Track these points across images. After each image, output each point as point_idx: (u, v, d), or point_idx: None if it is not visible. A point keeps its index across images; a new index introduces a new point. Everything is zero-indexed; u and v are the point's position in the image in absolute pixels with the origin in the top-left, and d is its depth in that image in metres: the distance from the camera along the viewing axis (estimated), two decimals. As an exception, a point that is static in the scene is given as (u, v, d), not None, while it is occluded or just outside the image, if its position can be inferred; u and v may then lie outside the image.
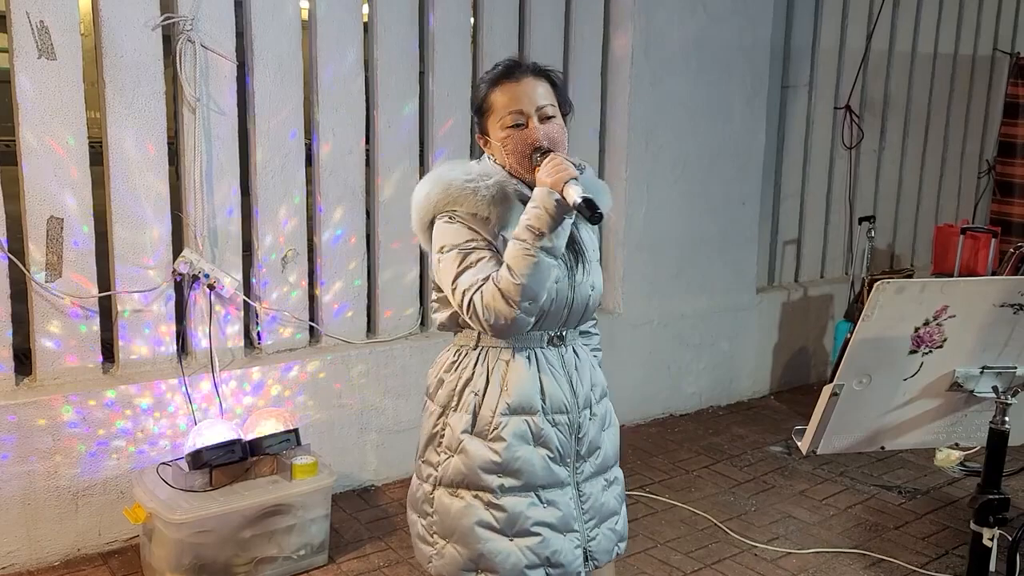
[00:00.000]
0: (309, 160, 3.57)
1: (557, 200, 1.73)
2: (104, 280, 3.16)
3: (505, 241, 1.81)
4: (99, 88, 3.06)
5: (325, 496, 3.14)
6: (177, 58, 3.14)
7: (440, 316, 1.96)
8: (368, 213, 3.75)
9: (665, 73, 4.35)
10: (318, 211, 3.60)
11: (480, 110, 1.92)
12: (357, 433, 3.72)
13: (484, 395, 1.88)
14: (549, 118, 1.87)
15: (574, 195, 1.70)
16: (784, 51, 4.99)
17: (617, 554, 2.04)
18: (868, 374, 1.74)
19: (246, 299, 3.46)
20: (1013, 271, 4.43)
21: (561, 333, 1.93)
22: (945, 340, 1.72)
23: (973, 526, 1.80)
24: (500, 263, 1.78)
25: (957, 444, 1.91)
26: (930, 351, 1.73)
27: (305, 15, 3.48)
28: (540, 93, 1.87)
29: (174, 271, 3.25)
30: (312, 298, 3.66)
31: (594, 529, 1.97)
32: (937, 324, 1.69)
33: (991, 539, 1.76)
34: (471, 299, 1.76)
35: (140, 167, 3.13)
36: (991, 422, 1.80)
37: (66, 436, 3.06)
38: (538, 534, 1.88)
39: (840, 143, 5.36)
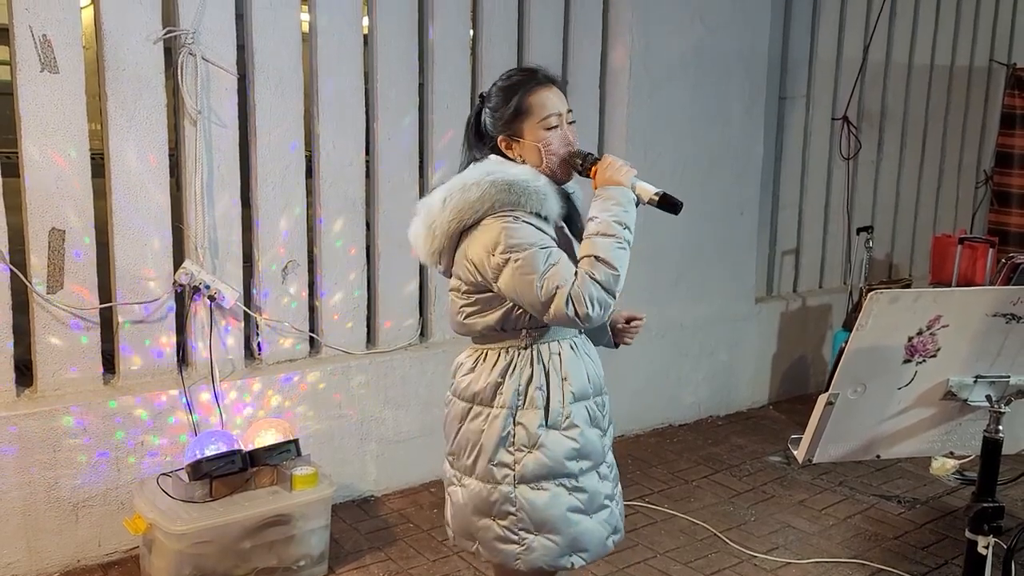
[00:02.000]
0: (309, 172, 3.59)
1: (635, 197, 1.93)
2: (105, 291, 3.17)
3: (553, 237, 1.94)
4: (101, 101, 3.08)
5: (325, 507, 3.15)
6: (178, 71, 3.16)
7: (482, 319, 1.99)
8: (368, 224, 3.76)
9: (663, 84, 4.38)
10: (318, 222, 3.61)
11: (516, 112, 1.99)
12: (357, 443, 3.73)
13: (548, 388, 1.99)
14: (571, 124, 2.04)
15: (649, 191, 1.92)
16: (782, 62, 5.01)
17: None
18: (863, 383, 1.75)
19: (246, 310, 3.47)
20: (1005, 281, 4.44)
21: None
22: (939, 349, 1.73)
23: (968, 534, 1.81)
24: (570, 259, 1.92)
25: (952, 453, 1.92)
26: (924, 360, 1.75)
27: (306, 28, 3.51)
28: (563, 99, 2.04)
29: (175, 282, 3.26)
30: (312, 309, 3.68)
31: (618, 497, 2.17)
32: (931, 334, 1.70)
33: (986, 547, 1.77)
34: (569, 293, 1.83)
35: (141, 179, 3.15)
36: (985, 431, 1.81)
37: (67, 447, 3.07)
38: (607, 506, 2.08)
39: (838, 153, 5.38)
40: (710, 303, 4.77)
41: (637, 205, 1.95)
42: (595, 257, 1.85)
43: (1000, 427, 1.79)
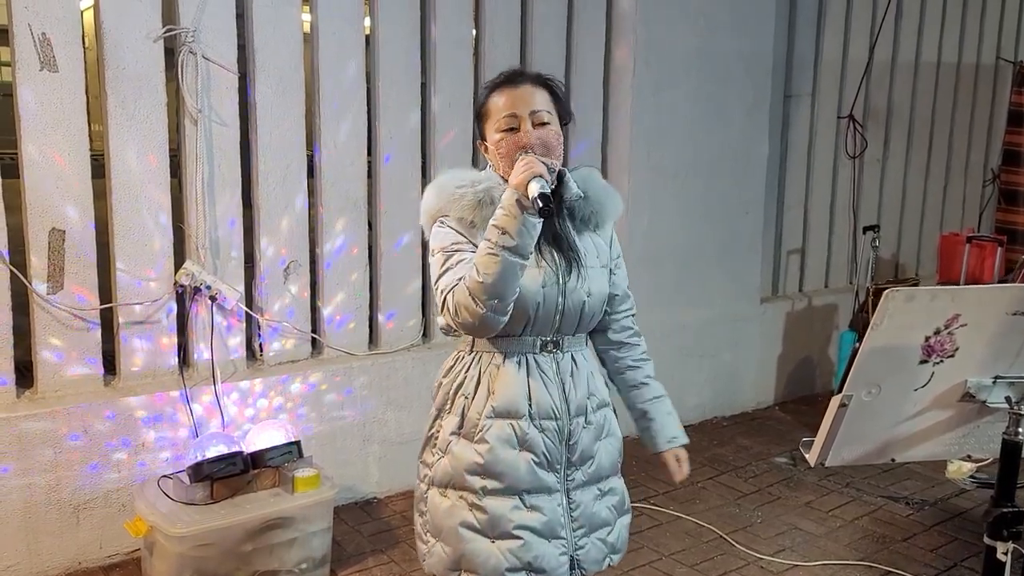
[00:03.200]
0: (311, 171, 3.57)
1: (518, 199, 1.75)
2: (105, 292, 3.15)
3: (475, 244, 1.85)
4: (101, 100, 3.05)
5: (327, 509, 3.12)
6: (179, 70, 3.13)
7: (441, 321, 1.97)
8: (370, 224, 3.74)
9: (667, 84, 4.34)
10: (320, 222, 3.58)
11: (479, 115, 1.96)
12: (359, 445, 3.70)
13: (473, 398, 1.91)
14: (543, 124, 1.88)
15: (533, 192, 1.72)
16: (787, 61, 4.98)
17: (609, 565, 2.02)
18: (877, 384, 1.71)
19: (248, 311, 3.44)
20: (1024, 279, 4.40)
21: (556, 339, 1.93)
22: (956, 349, 1.69)
23: (987, 540, 1.77)
24: None
25: (969, 456, 1.88)
26: (941, 361, 1.71)
27: (307, 27, 3.48)
28: (537, 99, 1.89)
29: (176, 283, 3.23)
30: (314, 309, 3.65)
31: (583, 538, 1.95)
32: (948, 333, 1.66)
33: (1005, 553, 1.73)
34: (445, 299, 1.81)
35: (142, 179, 3.13)
36: (1004, 433, 1.77)
37: (67, 449, 3.04)
38: (519, 538, 1.88)
39: (844, 152, 5.34)
40: (714, 304, 4.73)
41: (533, 210, 1.73)
42: (474, 263, 1.77)
43: (1020, 429, 1.74)
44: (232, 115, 3.28)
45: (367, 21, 3.63)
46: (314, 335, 3.63)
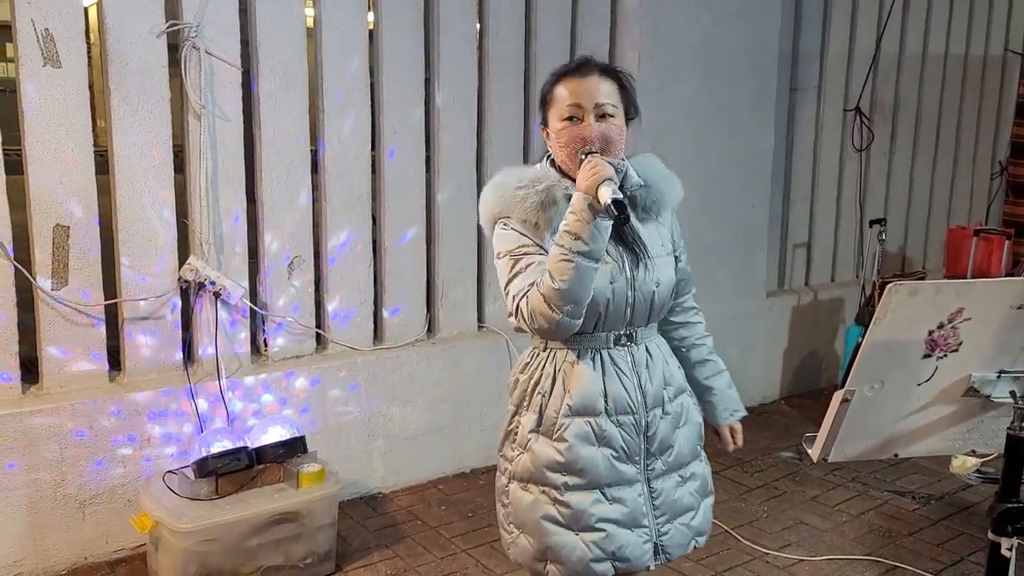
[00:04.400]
0: (315, 166, 3.56)
1: (590, 204, 1.75)
2: (110, 288, 3.15)
3: (537, 243, 1.87)
4: (104, 95, 3.06)
5: (332, 504, 3.12)
6: (182, 65, 3.13)
7: (513, 321, 1.97)
8: (374, 219, 3.73)
9: (671, 78, 4.33)
10: (324, 217, 3.58)
11: (543, 101, 1.96)
12: (364, 440, 3.70)
13: (550, 396, 1.94)
14: (607, 116, 1.88)
15: (605, 197, 1.72)
16: (792, 54, 4.95)
17: (695, 547, 2.08)
18: (880, 379, 1.70)
19: (252, 306, 3.45)
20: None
21: (629, 332, 1.95)
22: (960, 343, 1.68)
23: (991, 536, 1.76)
24: None
25: (974, 451, 1.87)
26: (945, 355, 1.69)
27: (310, 22, 3.47)
28: (603, 91, 1.89)
29: (180, 278, 3.24)
30: (318, 304, 3.65)
31: (666, 524, 2.00)
32: (952, 327, 1.65)
33: (1010, 549, 1.72)
34: (519, 304, 1.82)
35: (146, 174, 3.13)
36: (1009, 428, 1.75)
37: (73, 444, 3.05)
38: (603, 530, 1.92)
39: (850, 145, 5.32)
40: (720, 298, 4.72)
41: (604, 214, 1.75)
42: (547, 269, 1.78)
43: (1024, 424, 1.74)
44: (235, 110, 3.28)
45: (370, 15, 3.62)
46: (318, 330, 3.64)
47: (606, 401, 1.92)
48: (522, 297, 1.81)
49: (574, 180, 1.86)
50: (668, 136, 4.37)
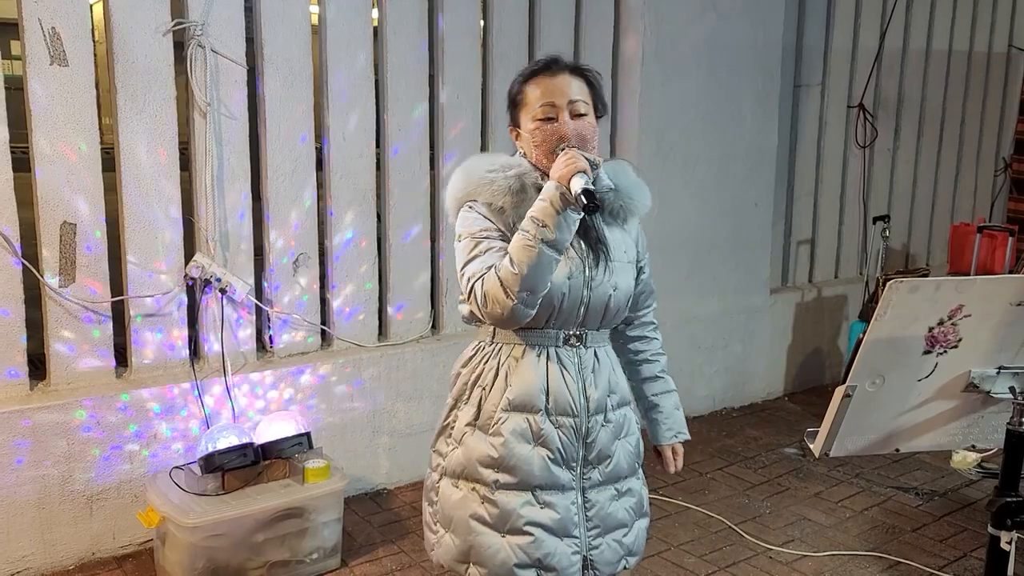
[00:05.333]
0: (320, 164, 3.58)
1: (562, 193, 1.74)
2: (117, 285, 3.17)
3: (500, 229, 1.85)
4: (111, 94, 3.07)
5: (337, 499, 3.14)
6: (188, 63, 3.15)
7: (463, 308, 1.95)
8: (379, 216, 3.75)
9: (676, 74, 4.33)
10: (329, 214, 3.60)
11: (514, 102, 1.94)
12: (369, 436, 3.72)
13: (490, 390, 1.89)
14: (580, 115, 1.88)
15: (576, 187, 1.71)
16: (796, 50, 4.96)
17: (624, 567, 2.00)
18: (881, 375, 1.72)
19: (258, 303, 3.47)
20: (1029, 270, 4.38)
21: (579, 333, 1.91)
22: (960, 340, 1.69)
23: (991, 529, 1.77)
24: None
25: (974, 446, 1.88)
26: (945, 351, 1.71)
27: (315, 19, 3.49)
28: (574, 89, 1.89)
29: (186, 275, 3.26)
30: (323, 301, 3.67)
31: (597, 538, 1.93)
32: (952, 324, 1.66)
33: (1009, 543, 1.73)
34: (473, 286, 1.79)
35: (152, 172, 3.15)
36: (1008, 423, 1.77)
37: (80, 440, 3.07)
38: (530, 534, 1.86)
39: (854, 142, 5.32)
40: (724, 295, 4.73)
41: (576, 206, 1.74)
42: (508, 253, 1.76)
43: (1024, 419, 1.75)
44: (241, 108, 3.29)
45: (375, 12, 3.64)
46: (324, 327, 3.65)
47: (547, 399, 1.87)
48: (478, 279, 1.78)
49: (545, 174, 1.87)
50: (672, 133, 4.38)
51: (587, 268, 1.88)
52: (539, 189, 1.84)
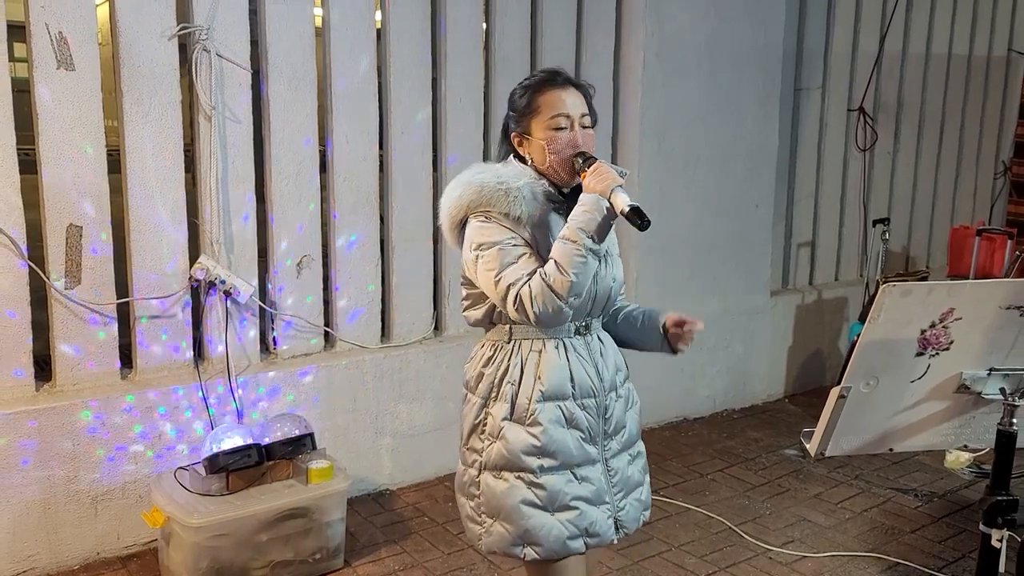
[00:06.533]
0: (323, 166, 3.61)
1: (607, 207, 1.90)
2: (122, 287, 3.20)
3: (535, 238, 1.98)
4: (116, 97, 3.10)
5: (340, 500, 3.17)
6: (193, 67, 3.18)
7: (474, 312, 2.11)
8: (382, 218, 3.78)
9: (677, 76, 4.36)
10: (333, 217, 3.63)
11: (526, 110, 2.05)
12: (372, 437, 3.75)
13: (520, 384, 2.02)
14: (586, 128, 2.04)
15: (622, 203, 1.88)
16: (797, 53, 4.98)
17: (644, 521, 2.21)
18: (875, 376, 1.75)
19: (262, 305, 3.50)
20: (1020, 273, 4.40)
21: (586, 322, 2.08)
22: (952, 342, 1.72)
23: (982, 527, 1.80)
24: (538, 260, 1.95)
25: (966, 446, 1.91)
26: (937, 353, 1.74)
27: (319, 23, 3.52)
28: (580, 102, 2.05)
29: (191, 277, 3.28)
30: (327, 303, 3.69)
31: (623, 500, 2.13)
32: (944, 326, 1.69)
33: (1000, 540, 1.76)
34: (518, 292, 1.91)
35: (157, 175, 3.18)
36: (999, 424, 1.80)
37: (85, 441, 3.10)
38: (576, 508, 2.04)
39: (854, 145, 5.34)
40: (725, 296, 4.75)
41: (615, 217, 1.92)
42: (554, 261, 1.90)
43: (1014, 420, 1.78)
44: (245, 111, 3.32)
45: (378, 16, 3.67)
46: (327, 328, 3.68)
47: (573, 386, 2.04)
48: (522, 285, 1.90)
49: (551, 181, 2.03)
50: (673, 134, 4.41)
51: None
52: (548, 197, 2.01)
